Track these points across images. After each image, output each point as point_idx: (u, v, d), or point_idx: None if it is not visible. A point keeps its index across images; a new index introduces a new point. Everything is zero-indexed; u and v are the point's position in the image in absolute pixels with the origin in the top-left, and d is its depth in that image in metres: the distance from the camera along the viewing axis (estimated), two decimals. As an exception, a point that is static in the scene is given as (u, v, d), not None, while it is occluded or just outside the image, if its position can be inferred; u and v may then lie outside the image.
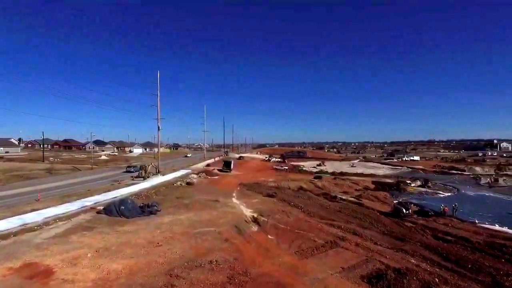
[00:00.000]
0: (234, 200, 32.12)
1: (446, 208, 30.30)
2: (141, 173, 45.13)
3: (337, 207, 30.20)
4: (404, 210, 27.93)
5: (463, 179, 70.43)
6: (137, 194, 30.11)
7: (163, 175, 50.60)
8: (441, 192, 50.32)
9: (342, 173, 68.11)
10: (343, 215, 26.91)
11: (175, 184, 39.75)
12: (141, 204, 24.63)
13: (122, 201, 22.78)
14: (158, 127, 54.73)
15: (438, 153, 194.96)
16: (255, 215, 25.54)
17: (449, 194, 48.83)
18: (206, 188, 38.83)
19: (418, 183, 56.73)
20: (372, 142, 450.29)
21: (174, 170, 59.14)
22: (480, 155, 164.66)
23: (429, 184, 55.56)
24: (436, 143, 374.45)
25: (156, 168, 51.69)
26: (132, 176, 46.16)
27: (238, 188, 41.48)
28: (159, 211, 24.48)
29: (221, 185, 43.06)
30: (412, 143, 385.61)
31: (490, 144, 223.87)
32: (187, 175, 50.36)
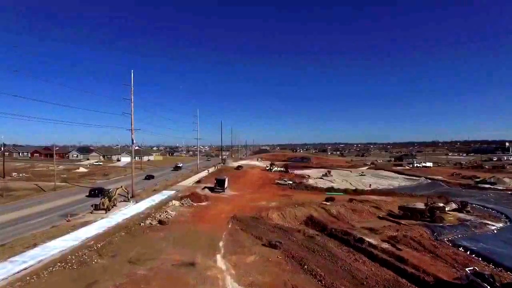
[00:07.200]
0: (219, 259, 21.51)
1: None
2: (102, 203, 34.42)
3: (374, 277, 19.56)
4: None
5: (497, 195, 60.03)
6: (66, 259, 19.43)
7: (136, 201, 40.21)
8: (487, 221, 39.58)
9: (357, 192, 57.34)
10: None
11: (142, 224, 29.14)
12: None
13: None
14: (132, 140, 44.48)
15: (449, 157, 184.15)
16: (249, 310, 15.03)
17: (500, 225, 38.15)
18: (183, 231, 28.22)
19: (453, 206, 46.04)
20: (375, 143, 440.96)
21: (155, 192, 48.76)
22: (495, 159, 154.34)
23: (468, 208, 44.90)
24: (440, 144, 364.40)
25: (128, 193, 41.17)
26: (93, 205, 35.36)
27: (230, 226, 30.93)
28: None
29: (206, 221, 32.48)
30: (416, 144, 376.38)
31: (501, 147, 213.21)
32: (166, 202, 39.75)
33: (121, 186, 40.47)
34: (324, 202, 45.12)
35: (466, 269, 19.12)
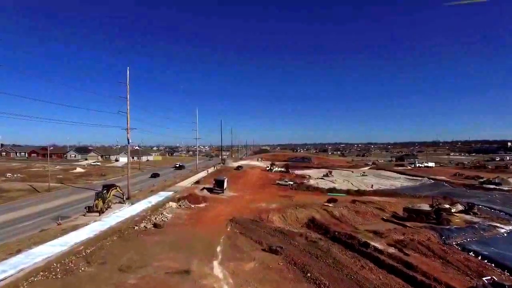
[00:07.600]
0: (216, 267, 20.12)
1: None
2: (96, 204, 33.00)
3: (383, 287, 18.13)
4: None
5: (503, 196, 58.50)
6: (50, 268, 18.05)
7: (131, 203, 38.85)
8: (496, 223, 38.14)
9: (359, 192, 55.94)
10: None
11: (136, 227, 27.78)
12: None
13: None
14: (128, 140, 43.08)
15: (450, 157, 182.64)
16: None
17: (510, 227, 36.53)
18: (179, 234, 26.85)
19: (459, 207, 44.54)
20: (375, 143, 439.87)
21: (152, 192, 47.38)
22: (497, 159, 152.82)
23: (475, 210, 43.45)
24: (441, 144, 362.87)
25: (123, 194, 39.84)
26: (86, 207, 33.98)
27: (228, 229, 29.55)
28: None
29: (204, 224, 31.12)
30: (416, 144, 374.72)
31: (503, 147, 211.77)
32: (163, 203, 38.38)
33: (116, 187, 39.09)
34: (326, 204, 43.76)
35: (484, 278, 17.67)
